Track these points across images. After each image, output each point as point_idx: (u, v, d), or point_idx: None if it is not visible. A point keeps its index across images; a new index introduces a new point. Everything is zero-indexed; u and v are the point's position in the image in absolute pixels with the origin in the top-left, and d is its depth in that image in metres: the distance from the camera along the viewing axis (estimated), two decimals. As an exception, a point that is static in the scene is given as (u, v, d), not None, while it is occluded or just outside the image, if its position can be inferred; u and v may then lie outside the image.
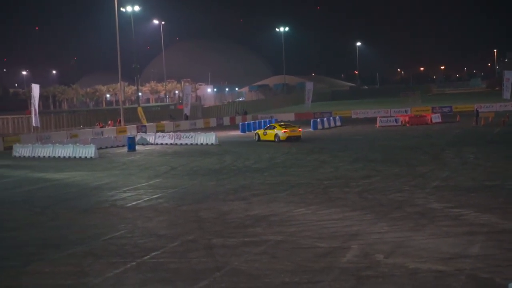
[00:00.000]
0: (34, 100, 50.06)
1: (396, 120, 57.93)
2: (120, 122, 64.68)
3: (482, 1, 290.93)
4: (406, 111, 71.56)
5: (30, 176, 32.44)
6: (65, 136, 53.43)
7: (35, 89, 50.20)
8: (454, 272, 12.77)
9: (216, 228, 17.71)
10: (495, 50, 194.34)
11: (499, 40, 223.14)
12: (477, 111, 57.19)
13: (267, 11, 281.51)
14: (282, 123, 52.11)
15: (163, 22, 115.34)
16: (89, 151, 40.53)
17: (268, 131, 46.26)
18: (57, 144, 43.59)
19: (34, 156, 42.37)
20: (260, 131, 47.59)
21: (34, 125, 50.84)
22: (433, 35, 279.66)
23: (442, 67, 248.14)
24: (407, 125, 56.17)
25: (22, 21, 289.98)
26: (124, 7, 71.22)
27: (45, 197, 25.16)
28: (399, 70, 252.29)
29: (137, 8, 72.47)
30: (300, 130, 46.34)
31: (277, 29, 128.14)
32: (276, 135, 45.09)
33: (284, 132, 44.93)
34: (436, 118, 58.79)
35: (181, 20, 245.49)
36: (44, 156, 42.03)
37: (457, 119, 58.82)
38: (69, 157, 40.81)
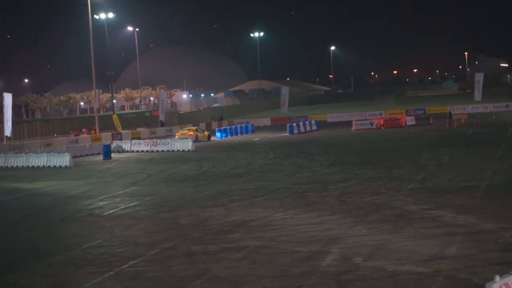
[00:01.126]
0: (7, 109, 49.42)
1: (371, 123, 58.35)
2: (95, 130, 64.13)
3: (453, 5, 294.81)
4: (381, 114, 72.18)
5: (4, 186, 31.99)
6: (39, 145, 52.80)
7: (7, 98, 49.58)
8: (433, 273, 12.85)
9: (195, 235, 17.62)
10: (466, 53, 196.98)
11: (470, 43, 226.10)
12: (450, 113, 57.84)
13: (242, 17, 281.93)
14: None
15: (137, 29, 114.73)
16: (64, 159, 40.10)
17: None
18: (31, 154, 43.05)
19: (7, 166, 41.72)
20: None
21: (6, 134, 50.15)
22: (405, 38, 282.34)
23: (415, 70, 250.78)
24: (382, 128, 56.60)
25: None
26: (97, 14, 70.74)
27: (20, 207, 24.83)
28: (373, 73, 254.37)
29: (111, 15, 72.04)
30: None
31: (252, 34, 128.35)
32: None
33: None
34: (410, 120, 59.31)
35: (156, 27, 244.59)
36: (17, 166, 41.44)
37: (431, 121, 59.42)
38: (44, 166, 40.32)
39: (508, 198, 20.24)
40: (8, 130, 49.45)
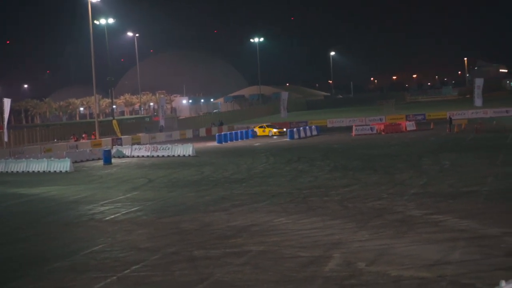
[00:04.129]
0: (5, 114, 49.42)
1: (371, 129, 58.41)
2: (95, 135, 64.12)
3: (452, 10, 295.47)
4: (381, 119, 72.28)
5: (5, 192, 31.93)
6: (39, 150, 52.76)
7: (7, 103, 49.55)
8: (436, 278, 12.83)
9: (197, 240, 17.60)
10: (465, 59, 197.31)
11: (469, 49, 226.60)
12: (450, 118, 57.96)
13: (241, 22, 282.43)
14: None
15: (137, 34, 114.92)
16: (64, 165, 40.09)
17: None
18: (31, 159, 43.03)
19: (7, 172, 41.70)
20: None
21: (7, 140, 50.11)
22: (405, 44, 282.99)
23: (415, 76, 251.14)
24: (383, 133, 56.64)
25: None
26: (98, 19, 70.83)
27: (22, 212, 24.80)
28: (372, 79, 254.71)
29: (111, 20, 72.14)
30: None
31: (251, 40, 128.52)
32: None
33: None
34: (410, 126, 59.38)
35: (156, 32, 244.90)
36: (17, 171, 41.42)
37: (431, 127, 59.49)
38: (44, 171, 40.31)
39: (510, 203, 20.23)
40: (5, 135, 49.37)
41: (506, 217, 18.16)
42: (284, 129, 64.62)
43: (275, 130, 65.66)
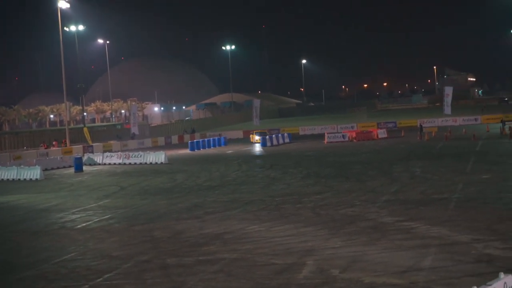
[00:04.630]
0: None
1: (343, 136, 58.74)
2: (65, 142, 63.40)
3: (422, 18, 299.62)
4: (352, 127, 72.78)
5: (-27, 199, 31.36)
6: (8, 158, 51.93)
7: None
8: (408, 285, 12.95)
9: (170, 248, 17.49)
10: (434, 67, 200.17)
11: (438, 57, 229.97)
12: (421, 126, 58.56)
13: (213, 30, 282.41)
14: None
15: (107, 41, 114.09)
16: (34, 172, 39.54)
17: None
18: (0, 167, 42.33)
19: (-24, 179, 40.97)
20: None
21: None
22: (376, 52, 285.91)
23: (385, 84, 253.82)
24: (355, 140, 57.03)
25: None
26: (68, 26, 70.19)
27: (-10, 221, 24.36)
28: (344, 87, 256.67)
29: (81, 27, 71.56)
30: None
31: (223, 47, 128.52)
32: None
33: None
34: (382, 133, 59.86)
35: (127, 39, 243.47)
36: (-14, 179, 40.71)
37: (402, 134, 60.08)
38: (13, 179, 39.70)
39: (480, 210, 20.51)
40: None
41: (476, 224, 18.40)
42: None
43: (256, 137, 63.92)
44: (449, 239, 16.73)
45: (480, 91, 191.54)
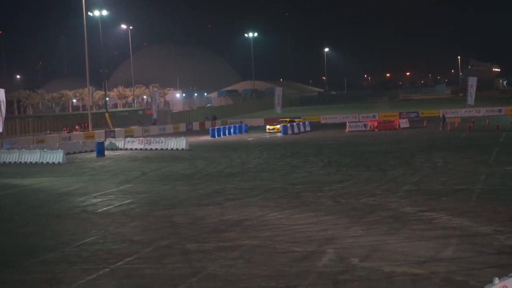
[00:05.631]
0: (1, 105, 48.97)
1: (365, 125, 58.44)
2: (86, 127, 63.88)
3: (446, 9, 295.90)
4: (374, 116, 72.34)
5: (-3, 182, 31.80)
6: (31, 141, 52.54)
7: (1, 93, 49.19)
8: (429, 275, 12.86)
9: (190, 233, 17.57)
10: (458, 57, 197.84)
11: (463, 47, 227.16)
12: (443, 116, 58.02)
13: (236, 17, 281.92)
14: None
15: (131, 27, 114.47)
16: (57, 156, 39.94)
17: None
18: (24, 150, 42.84)
19: (-1, 162, 41.56)
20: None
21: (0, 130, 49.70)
22: (399, 41, 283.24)
23: (408, 74, 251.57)
24: (376, 130, 56.72)
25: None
26: (91, 11, 70.50)
27: (13, 203, 24.68)
28: (366, 76, 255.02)
29: (105, 12, 71.83)
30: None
31: (246, 35, 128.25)
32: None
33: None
34: (404, 123, 59.48)
35: (149, 25, 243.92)
36: (10, 162, 41.26)
37: (424, 124, 59.60)
38: (36, 162, 40.15)
39: (502, 202, 20.29)
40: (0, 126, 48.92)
41: (498, 215, 18.21)
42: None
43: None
44: (471, 230, 16.58)
45: (504, 82, 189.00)
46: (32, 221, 20.68)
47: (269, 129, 62.05)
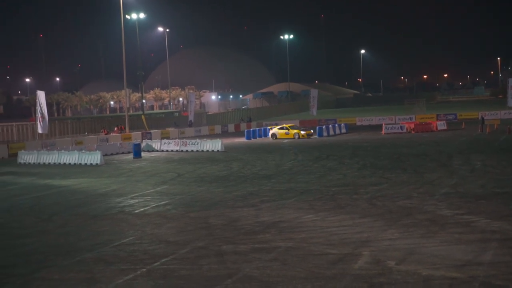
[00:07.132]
0: (41, 106, 49.99)
1: (401, 127, 57.86)
2: (123, 128, 64.68)
3: (485, 10, 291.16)
4: (411, 119, 71.55)
5: (36, 182, 32.41)
6: (70, 142, 53.43)
7: (41, 96, 50.23)
8: (468, 279, 12.66)
9: (226, 235, 17.63)
10: (498, 58, 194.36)
11: (502, 48, 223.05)
12: (482, 118, 57.08)
13: (271, 19, 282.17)
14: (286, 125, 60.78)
15: (167, 30, 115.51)
16: (95, 157, 40.51)
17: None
18: (63, 151, 43.59)
19: (39, 163, 42.38)
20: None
21: (41, 132, 50.76)
22: (436, 43, 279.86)
23: (445, 75, 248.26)
24: (413, 132, 56.12)
25: (26, 28, 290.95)
26: (129, 14, 71.42)
27: (52, 203, 25.11)
28: (402, 78, 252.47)
29: (142, 15, 72.69)
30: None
31: (281, 37, 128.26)
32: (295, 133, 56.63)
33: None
34: (441, 125, 58.71)
35: (186, 28, 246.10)
36: (49, 163, 42.04)
37: (462, 127, 58.71)
38: (75, 163, 40.80)
39: (544, 205, 19.85)
40: (43, 127, 49.88)
41: (539, 219, 17.82)
42: (312, 131, 58.21)
43: (302, 132, 56.90)
44: (511, 234, 16.25)
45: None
46: (70, 222, 21.00)
47: (303, 135, 56.62)
